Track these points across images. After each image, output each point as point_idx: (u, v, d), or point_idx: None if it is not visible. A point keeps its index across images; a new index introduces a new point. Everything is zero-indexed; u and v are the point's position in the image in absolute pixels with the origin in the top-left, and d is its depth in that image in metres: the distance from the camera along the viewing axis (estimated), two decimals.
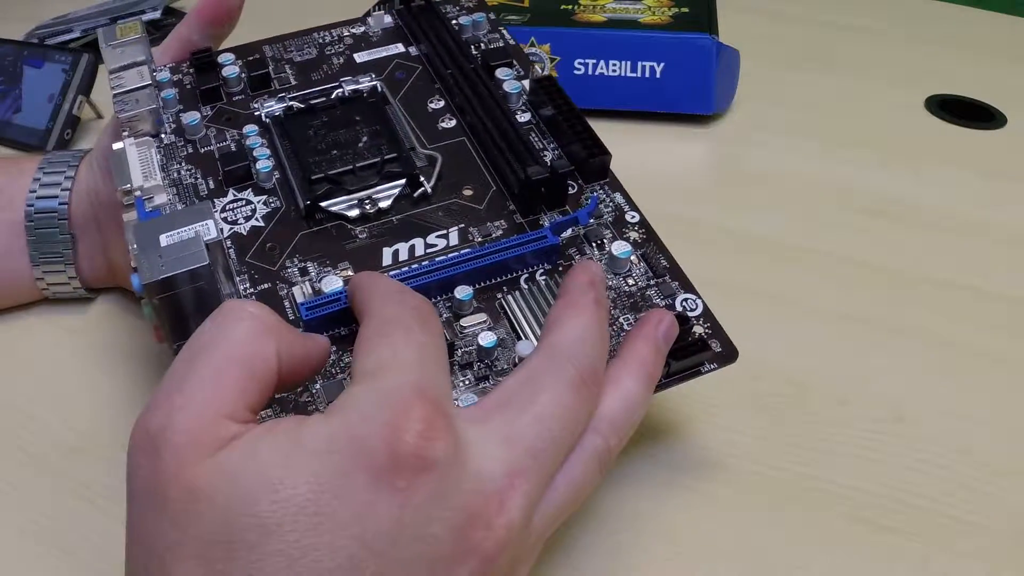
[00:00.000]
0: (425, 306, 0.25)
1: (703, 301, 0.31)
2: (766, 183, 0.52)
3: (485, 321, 0.30)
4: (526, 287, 0.31)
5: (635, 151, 0.56)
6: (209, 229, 0.29)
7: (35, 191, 0.41)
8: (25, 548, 0.33)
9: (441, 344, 0.25)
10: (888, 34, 0.70)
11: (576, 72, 0.57)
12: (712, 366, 0.30)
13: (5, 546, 0.33)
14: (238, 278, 0.32)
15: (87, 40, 0.70)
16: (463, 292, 0.30)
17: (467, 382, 0.29)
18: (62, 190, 0.41)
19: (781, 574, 0.31)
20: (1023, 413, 0.37)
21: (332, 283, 0.31)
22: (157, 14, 0.73)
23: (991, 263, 0.45)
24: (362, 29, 0.42)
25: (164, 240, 0.28)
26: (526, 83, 0.37)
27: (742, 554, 0.31)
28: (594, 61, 0.57)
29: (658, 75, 0.56)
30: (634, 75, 0.56)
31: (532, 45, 0.57)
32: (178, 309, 0.29)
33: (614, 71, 0.56)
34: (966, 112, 0.59)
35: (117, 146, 0.35)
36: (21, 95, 0.59)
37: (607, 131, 0.40)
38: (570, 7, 0.60)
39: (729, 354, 0.30)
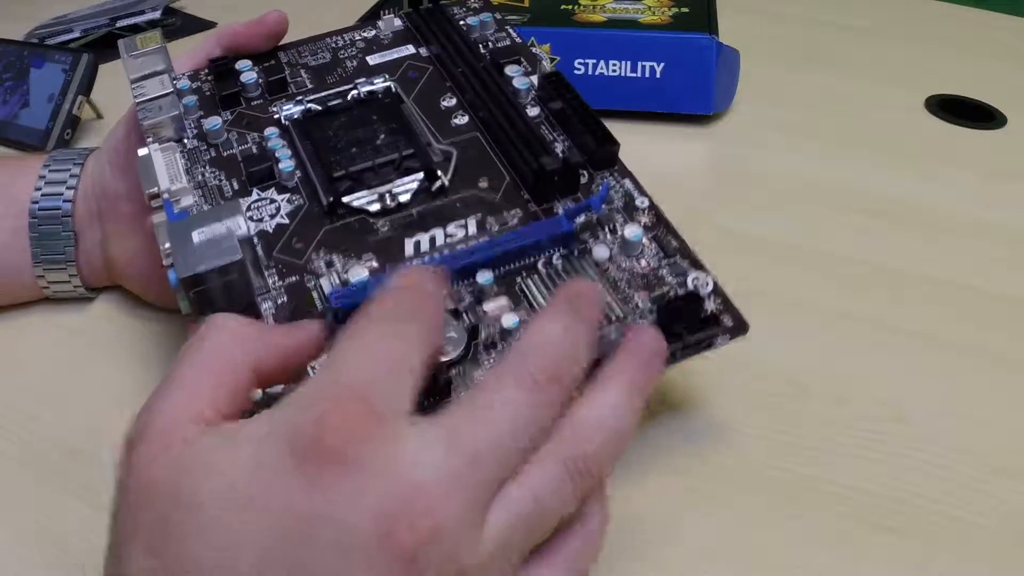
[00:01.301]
0: (405, 307, 0.25)
1: (713, 278, 0.32)
2: (766, 183, 0.52)
3: (507, 304, 0.31)
4: (544, 271, 0.32)
5: (635, 151, 0.56)
6: (239, 225, 0.30)
7: (40, 188, 0.41)
8: (25, 548, 0.33)
9: (411, 347, 0.24)
10: (888, 34, 0.70)
11: (576, 72, 0.57)
12: (725, 337, 0.31)
13: (5, 546, 0.33)
14: (267, 272, 0.33)
15: (87, 40, 0.70)
16: (484, 277, 0.31)
17: (492, 361, 0.30)
18: (67, 188, 0.41)
19: (781, 574, 0.31)
20: (1023, 413, 0.37)
21: (358, 273, 0.32)
22: (157, 14, 0.73)
23: (991, 263, 0.45)
24: (373, 32, 0.43)
25: (196, 237, 0.29)
26: (535, 79, 0.38)
27: (742, 554, 0.31)
28: (594, 61, 0.57)
29: (658, 75, 0.56)
30: (634, 75, 0.56)
31: (532, 45, 0.57)
32: (212, 302, 0.30)
33: (614, 71, 0.56)
34: (966, 112, 0.59)
35: (143, 152, 0.36)
36: (29, 91, 0.59)
37: None
38: (570, 7, 0.60)
39: (740, 327, 0.31)
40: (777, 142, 0.56)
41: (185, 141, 0.37)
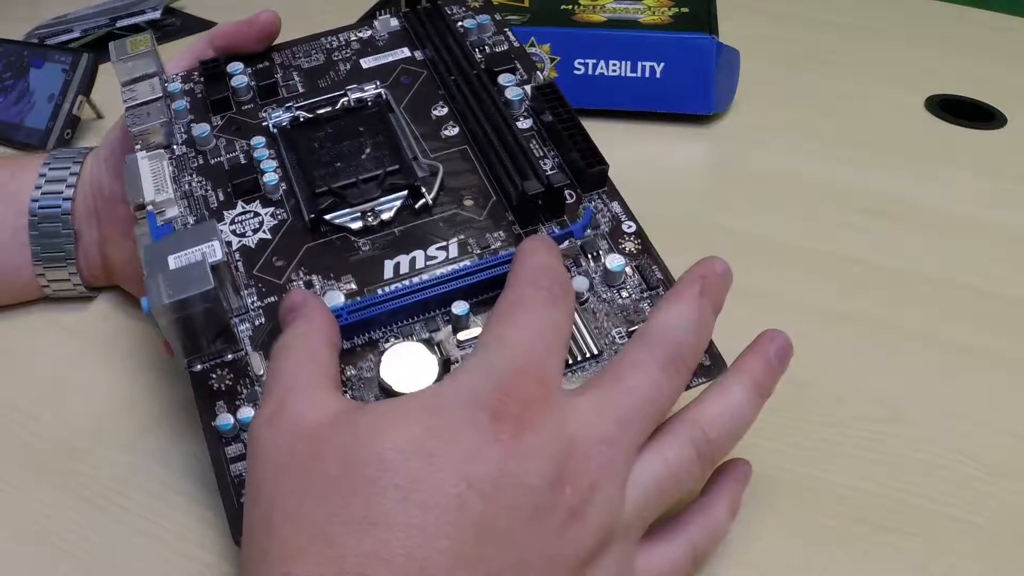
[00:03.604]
0: (557, 288, 0.27)
1: None
2: (766, 183, 0.52)
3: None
4: None
5: (635, 151, 0.56)
6: (215, 250, 0.30)
7: (40, 187, 0.41)
8: (25, 548, 0.33)
9: (563, 324, 0.27)
10: (888, 34, 0.70)
11: (576, 72, 0.57)
12: (700, 380, 0.30)
13: (5, 546, 0.33)
14: (245, 291, 0.32)
15: (87, 40, 0.70)
16: (460, 308, 0.31)
17: None
18: (67, 187, 0.41)
19: (781, 574, 0.31)
20: (1023, 413, 0.37)
21: (334, 298, 0.31)
22: (157, 14, 0.73)
23: (991, 263, 0.45)
24: (368, 33, 0.42)
25: (172, 262, 0.30)
26: (528, 88, 0.37)
27: (742, 554, 0.31)
28: (594, 61, 0.57)
29: (658, 75, 0.56)
30: (634, 75, 0.56)
31: (532, 45, 0.57)
32: (187, 328, 0.30)
33: (614, 71, 0.56)
34: (966, 112, 0.59)
35: (129, 158, 0.36)
36: (29, 91, 0.59)
37: (607, 131, 0.40)
38: (570, 7, 0.60)
39: (717, 367, 0.30)
40: (777, 142, 0.56)
41: (174, 147, 0.37)
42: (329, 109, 0.38)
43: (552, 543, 0.23)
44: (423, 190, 0.34)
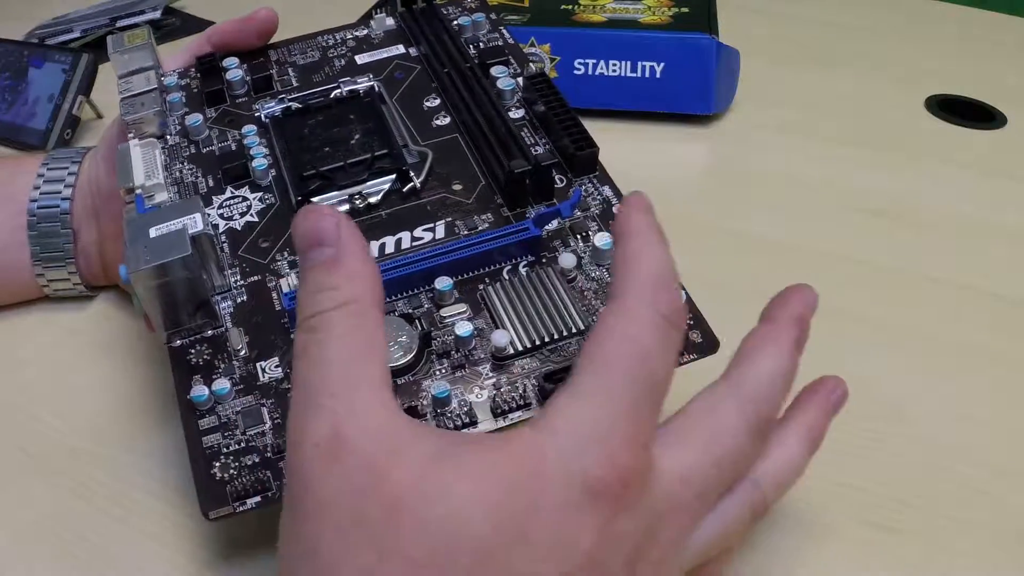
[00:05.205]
0: (676, 314, 0.23)
1: (686, 292, 0.31)
2: (766, 183, 0.52)
3: (465, 312, 0.31)
4: (507, 278, 0.31)
5: (635, 151, 0.56)
6: (196, 222, 0.30)
7: (39, 187, 0.41)
8: (25, 548, 0.33)
9: (672, 366, 0.24)
10: (888, 34, 0.70)
11: (576, 72, 0.57)
12: (692, 356, 0.30)
13: (5, 546, 0.33)
14: (229, 271, 0.33)
15: (87, 40, 0.70)
16: (443, 283, 0.30)
17: (443, 371, 0.29)
18: (65, 186, 0.41)
19: (781, 574, 0.31)
20: (1023, 413, 0.37)
21: None
22: (157, 14, 0.73)
23: (991, 263, 0.45)
24: (364, 32, 0.43)
25: (153, 232, 0.30)
26: (520, 80, 0.38)
27: (742, 554, 0.31)
28: (594, 61, 0.57)
29: (658, 75, 0.56)
30: (634, 75, 0.56)
31: (532, 45, 0.57)
32: (167, 298, 0.30)
33: (614, 71, 0.56)
34: (966, 112, 0.59)
35: (121, 147, 0.36)
36: (28, 91, 0.59)
37: (607, 131, 0.40)
38: (570, 7, 0.60)
39: (710, 344, 0.30)
40: (777, 142, 0.56)
41: (167, 137, 0.37)
42: (321, 100, 0.38)
43: None
44: (411, 174, 0.35)
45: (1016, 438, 0.36)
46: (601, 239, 0.32)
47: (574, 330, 0.30)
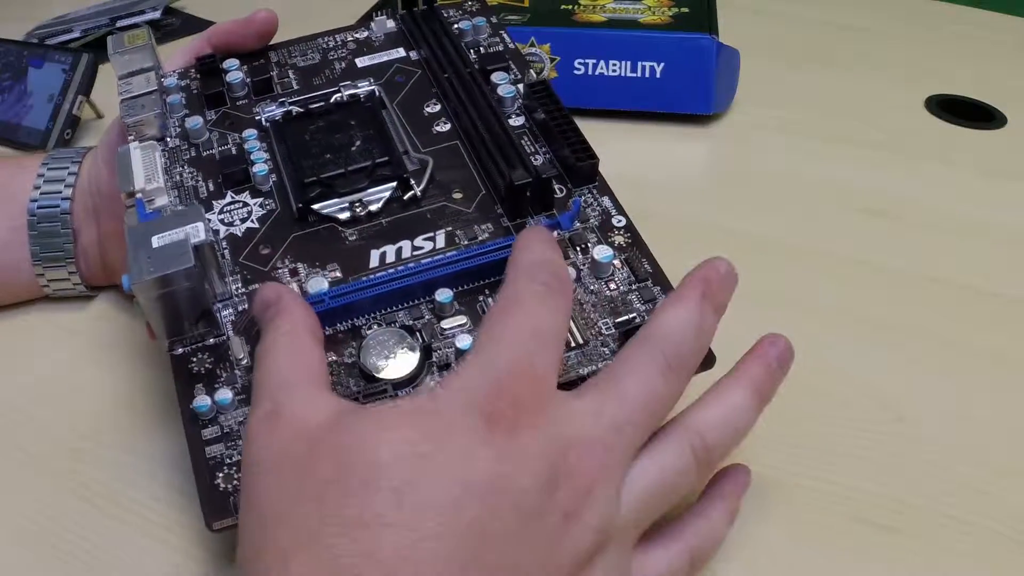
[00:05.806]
0: (554, 282, 0.27)
1: None
2: (766, 183, 0.52)
3: (465, 324, 0.31)
4: None
5: (635, 151, 0.56)
6: (198, 231, 0.30)
7: (39, 187, 0.41)
8: (25, 548, 0.33)
9: (560, 321, 0.26)
10: (888, 34, 0.70)
11: (576, 72, 0.57)
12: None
13: (4, 546, 0.33)
14: (230, 278, 0.32)
15: (87, 40, 0.70)
16: (443, 295, 0.31)
17: None
18: (65, 186, 0.41)
19: (781, 574, 0.31)
20: (1023, 413, 0.37)
21: (317, 284, 0.31)
22: (157, 14, 0.73)
23: (991, 263, 0.45)
24: (365, 34, 0.42)
25: (156, 242, 0.30)
26: (521, 87, 0.37)
27: (741, 554, 0.31)
28: (594, 61, 0.57)
29: (658, 75, 0.56)
30: (634, 75, 0.56)
31: (532, 45, 0.57)
32: (170, 308, 0.30)
33: (614, 71, 0.56)
34: (966, 112, 0.59)
35: (122, 149, 0.36)
36: (28, 91, 0.59)
37: (607, 131, 0.40)
38: (570, 7, 0.60)
39: (706, 360, 0.30)
40: (777, 142, 0.56)
41: (167, 140, 0.37)
42: (322, 104, 0.38)
43: (546, 546, 0.23)
44: (412, 182, 0.34)
45: (1016, 438, 0.36)
46: (600, 252, 0.32)
47: (572, 344, 0.30)
